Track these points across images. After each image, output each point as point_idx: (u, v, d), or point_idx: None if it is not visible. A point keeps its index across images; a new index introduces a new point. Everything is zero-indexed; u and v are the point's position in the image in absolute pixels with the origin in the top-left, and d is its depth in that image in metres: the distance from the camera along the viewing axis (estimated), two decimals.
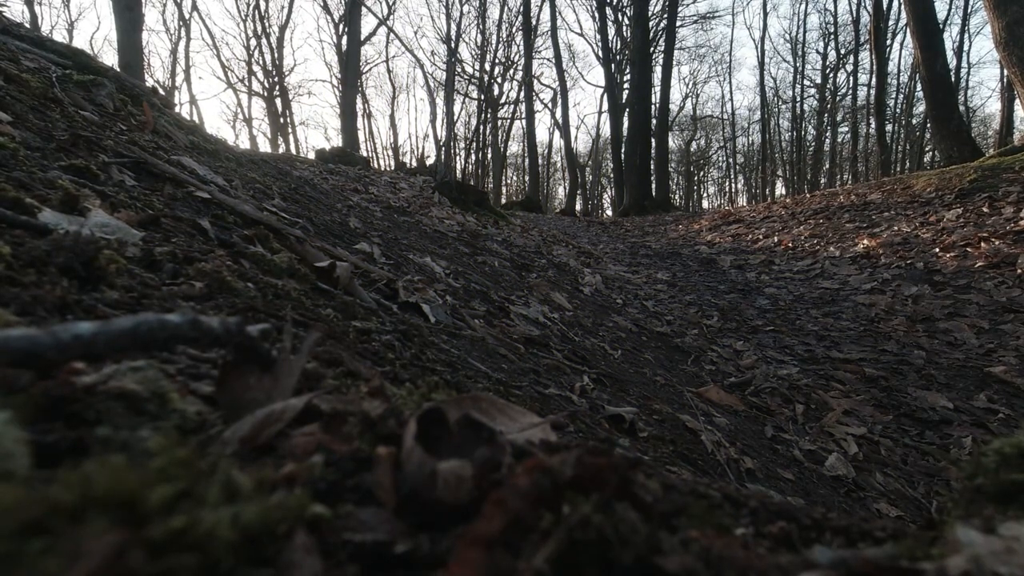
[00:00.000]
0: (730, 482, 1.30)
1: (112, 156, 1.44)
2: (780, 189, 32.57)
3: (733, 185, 38.43)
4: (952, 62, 19.90)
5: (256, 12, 26.73)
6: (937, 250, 4.75)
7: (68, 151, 1.32)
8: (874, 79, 18.86)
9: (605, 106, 22.56)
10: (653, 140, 15.13)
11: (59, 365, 0.38)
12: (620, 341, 2.51)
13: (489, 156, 29.30)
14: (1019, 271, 3.87)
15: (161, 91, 3.25)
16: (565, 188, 30.10)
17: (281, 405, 0.42)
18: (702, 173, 39.62)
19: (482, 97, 27.26)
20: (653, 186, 14.99)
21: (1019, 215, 4.83)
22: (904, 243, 5.17)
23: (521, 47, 24.48)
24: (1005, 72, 14.95)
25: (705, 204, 38.54)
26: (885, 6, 18.45)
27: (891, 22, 21.54)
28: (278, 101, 27.32)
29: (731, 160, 37.97)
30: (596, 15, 21.62)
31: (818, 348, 3.13)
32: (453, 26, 26.61)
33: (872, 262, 4.92)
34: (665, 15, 19.21)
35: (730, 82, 59.75)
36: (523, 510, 0.27)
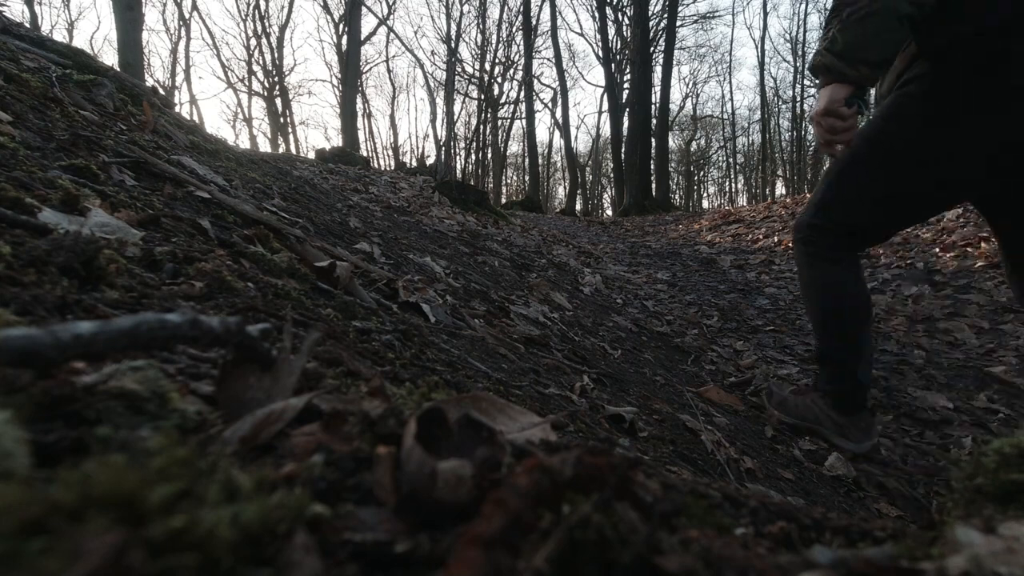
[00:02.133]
0: (730, 482, 1.30)
1: (112, 156, 1.44)
2: (780, 189, 32.58)
3: (733, 185, 38.43)
4: None
5: (256, 12, 26.75)
6: (937, 250, 4.74)
7: (68, 151, 1.32)
8: None
9: (605, 106, 22.56)
10: (653, 140, 15.13)
11: (59, 365, 0.38)
12: (620, 341, 2.51)
13: (489, 156, 29.29)
14: None
15: (161, 91, 3.25)
16: (565, 188, 30.11)
17: (281, 404, 0.42)
18: (702, 173, 39.61)
19: (482, 97, 27.25)
20: (653, 186, 14.99)
21: None
22: (904, 243, 5.16)
23: (521, 47, 24.48)
24: None
25: (705, 204, 38.54)
26: None
27: None
28: (278, 101, 27.33)
29: (731, 160, 37.98)
30: (596, 15, 21.62)
31: None
32: (453, 26, 26.60)
33: (872, 262, 4.91)
34: (665, 15, 19.18)
35: (730, 82, 59.77)
36: (523, 510, 0.27)
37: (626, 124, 16.44)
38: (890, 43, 1.37)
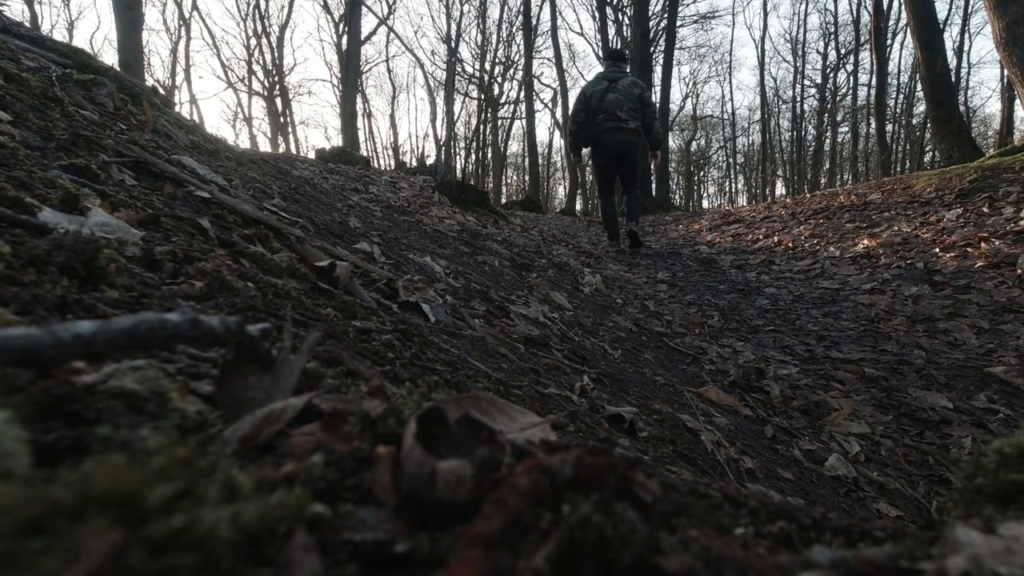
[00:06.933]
0: (730, 482, 1.30)
1: (112, 155, 1.44)
2: (780, 189, 32.63)
3: (733, 185, 38.47)
4: (952, 62, 19.91)
5: (256, 11, 26.76)
6: (937, 250, 4.74)
7: (68, 150, 1.32)
8: (874, 79, 18.88)
9: None
10: None
11: (59, 364, 0.38)
12: (620, 341, 2.51)
13: (489, 156, 29.30)
14: (1019, 271, 3.87)
15: (161, 90, 3.25)
16: (565, 188, 30.13)
17: (281, 404, 0.42)
18: (702, 173, 39.62)
19: (482, 97, 27.26)
20: (653, 186, 14.98)
21: (1019, 215, 4.83)
22: (904, 243, 5.16)
23: (521, 47, 24.51)
24: (1005, 72, 14.94)
25: (705, 204, 38.56)
26: (885, 6, 18.45)
27: (891, 22, 21.55)
28: (278, 100, 27.32)
29: (731, 160, 38.01)
30: (596, 15, 21.64)
31: (818, 348, 3.13)
32: (453, 25, 26.63)
33: (872, 262, 4.92)
34: (665, 15, 19.19)
35: (730, 82, 59.88)
36: (523, 509, 0.27)
37: None
38: (576, 145, 6.50)
